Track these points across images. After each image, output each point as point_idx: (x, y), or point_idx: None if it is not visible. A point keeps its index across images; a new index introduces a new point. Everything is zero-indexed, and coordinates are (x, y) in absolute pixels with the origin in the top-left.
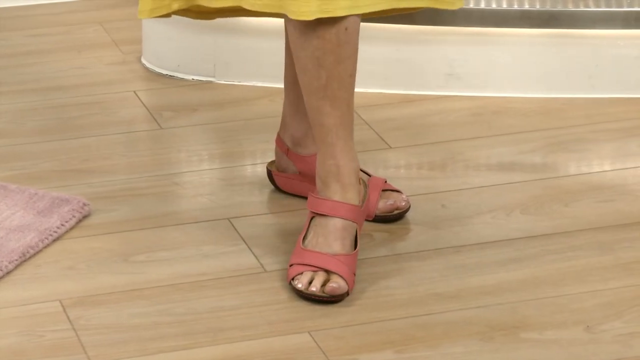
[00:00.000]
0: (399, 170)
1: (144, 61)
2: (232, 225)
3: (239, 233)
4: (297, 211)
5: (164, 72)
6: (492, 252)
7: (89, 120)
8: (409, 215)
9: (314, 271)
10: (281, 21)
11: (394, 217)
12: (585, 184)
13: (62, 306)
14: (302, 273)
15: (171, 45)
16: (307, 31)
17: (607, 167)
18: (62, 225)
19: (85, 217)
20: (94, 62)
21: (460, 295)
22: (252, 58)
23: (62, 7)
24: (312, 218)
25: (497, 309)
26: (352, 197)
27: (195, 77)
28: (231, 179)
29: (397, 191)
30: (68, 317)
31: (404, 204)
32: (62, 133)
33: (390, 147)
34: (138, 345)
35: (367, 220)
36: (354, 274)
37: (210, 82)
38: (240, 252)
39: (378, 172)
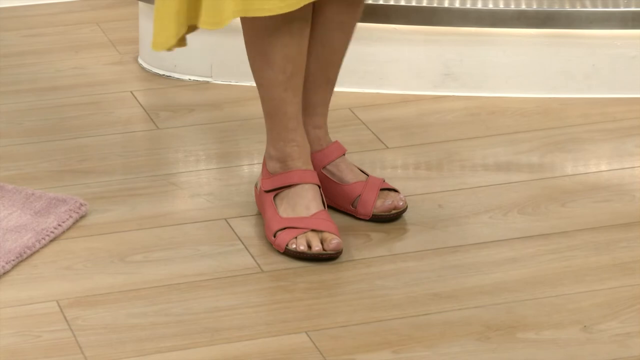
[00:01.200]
0: (395, 170)
1: (140, 61)
2: (229, 225)
3: (236, 233)
4: None
5: (161, 72)
6: (489, 252)
7: (85, 121)
8: (405, 215)
9: (305, 232)
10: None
11: (391, 217)
12: (582, 184)
13: (59, 306)
14: (296, 237)
15: None
16: (277, 28)
17: (604, 167)
18: (59, 225)
19: (82, 217)
20: (90, 62)
21: (458, 295)
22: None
23: (59, 7)
24: (275, 196)
25: (494, 309)
26: (312, 168)
27: (192, 78)
28: (228, 179)
29: (395, 191)
30: (65, 318)
31: (401, 203)
32: (59, 133)
33: (387, 147)
34: (135, 345)
35: (364, 219)
36: None
37: (207, 82)
38: (237, 252)
39: (375, 172)
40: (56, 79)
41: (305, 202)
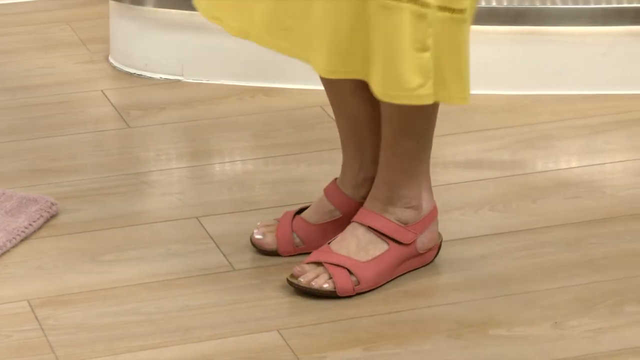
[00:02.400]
0: None
1: (111, 60)
2: (201, 224)
3: (207, 232)
4: (265, 210)
5: (132, 70)
6: (460, 249)
7: (56, 120)
8: None
9: None
10: None
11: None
12: (552, 180)
13: (30, 306)
14: None
15: (138, 44)
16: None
17: (574, 164)
18: (30, 225)
19: (53, 216)
20: (61, 61)
21: (429, 292)
22: (219, 56)
23: (29, 7)
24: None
25: (466, 306)
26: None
27: (163, 76)
28: (199, 178)
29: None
30: (36, 317)
31: (316, 286)
32: (29, 133)
33: None
34: (107, 344)
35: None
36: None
37: (178, 80)
38: (208, 251)
39: None
40: (26, 78)
41: None
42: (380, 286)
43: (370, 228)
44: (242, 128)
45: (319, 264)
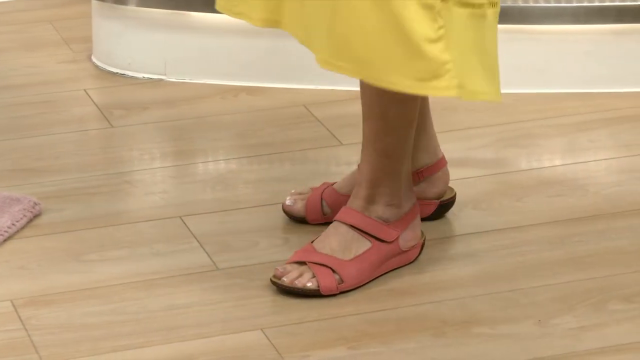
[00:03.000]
0: (350, 166)
1: (94, 59)
2: (184, 223)
3: (191, 231)
4: (249, 209)
5: (115, 70)
6: (444, 247)
7: (39, 120)
8: None
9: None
10: (229, 18)
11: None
12: (536, 179)
13: (14, 306)
14: None
15: (121, 43)
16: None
17: (557, 162)
18: (13, 224)
19: (36, 216)
20: (44, 60)
21: (413, 291)
22: (202, 56)
23: (12, 6)
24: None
25: (450, 304)
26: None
27: (146, 75)
28: (183, 177)
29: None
30: (19, 317)
31: (300, 285)
32: (12, 132)
33: (342, 144)
34: (90, 344)
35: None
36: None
37: (161, 80)
38: (192, 250)
39: (330, 169)
40: (9, 77)
41: None
42: (364, 285)
43: (352, 226)
44: (225, 127)
45: (302, 263)
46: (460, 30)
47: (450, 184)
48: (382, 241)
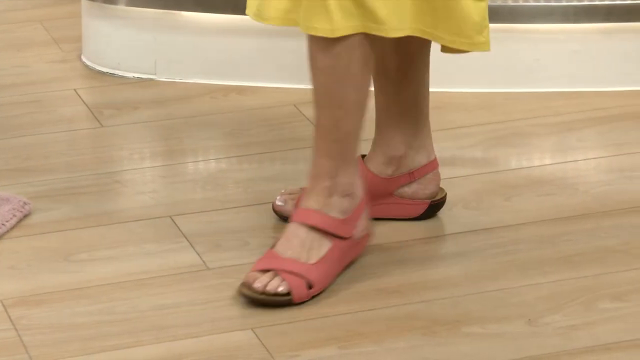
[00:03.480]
0: None
1: (84, 59)
2: (174, 222)
3: (181, 230)
4: (238, 208)
5: (105, 70)
6: (434, 246)
7: (29, 119)
8: None
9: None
10: (218, 17)
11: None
12: (525, 178)
13: (4, 306)
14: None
15: (111, 43)
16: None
17: (547, 161)
18: (3, 224)
19: (26, 216)
20: (34, 60)
21: (403, 290)
22: (193, 55)
23: (1, 5)
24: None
25: (440, 303)
26: None
27: (136, 75)
28: (173, 177)
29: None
30: (9, 317)
31: (271, 288)
32: (2, 132)
33: None
34: (80, 344)
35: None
36: None
37: (151, 79)
38: (182, 250)
39: None
40: None
41: None
42: (351, 283)
43: (312, 227)
44: (215, 127)
45: (267, 270)
46: None
47: (441, 183)
48: (341, 238)
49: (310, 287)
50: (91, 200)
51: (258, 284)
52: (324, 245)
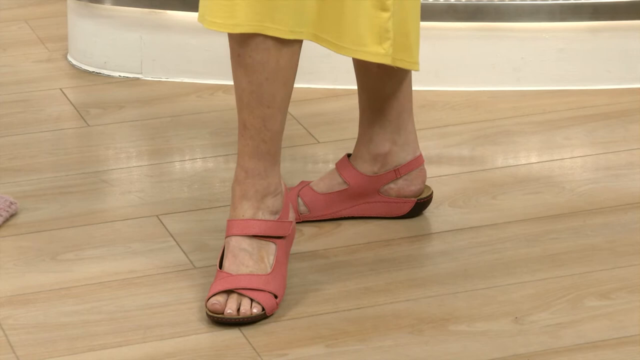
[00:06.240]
0: (327, 165)
1: (70, 58)
2: (161, 222)
3: (167, 230)
4: (226, 207)
5: (91, 69)
6: (420, 245)
7: (15, 119)
8: None
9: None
10: None
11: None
12: (512, 176)
13: None
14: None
15: (97, 42)
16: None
17: (533, 160)
18: None
19: (12, 215)
20: (19, 59)
21: (390, 288)
22: (179, 54)
23: None
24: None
25: (426, 302)
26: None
27: (122, 74)
28: (159, 176)
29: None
30: None
31: (247, 311)
32: None
33: (319, 142)
34: (67, 344)
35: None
36: None
37: (137, 78)
38: (169, 249)
39: (306, 167)
40: None
41: None
42: (340, 282)
43: (253, 236)
44: (201, 126)
45: (229, 292)
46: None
47: (427, 182)
48: (282, 237)
49: (275, 297)
50: (78, 200)
51: (229, 311)
52: (271, 250)
